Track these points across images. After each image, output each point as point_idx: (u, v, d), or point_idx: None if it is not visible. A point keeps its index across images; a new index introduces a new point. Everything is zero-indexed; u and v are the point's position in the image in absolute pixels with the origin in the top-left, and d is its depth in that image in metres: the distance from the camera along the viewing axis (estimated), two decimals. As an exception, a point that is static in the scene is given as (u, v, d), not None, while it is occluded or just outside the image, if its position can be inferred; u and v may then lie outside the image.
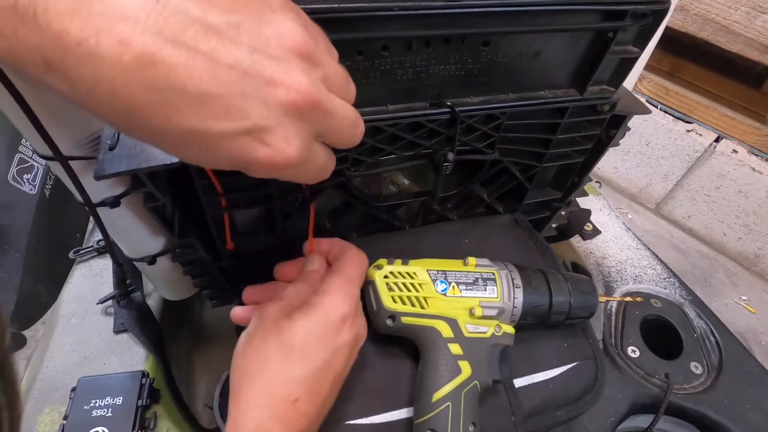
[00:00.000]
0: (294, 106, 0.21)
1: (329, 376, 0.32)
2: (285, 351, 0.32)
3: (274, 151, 0.21)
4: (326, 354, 0.32)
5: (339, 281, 0.35)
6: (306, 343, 0.32)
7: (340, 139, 0.25)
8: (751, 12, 1.30)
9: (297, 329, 0.32)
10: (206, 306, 0.73)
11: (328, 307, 0.33)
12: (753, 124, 1.47)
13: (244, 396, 0.31)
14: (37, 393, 0.51)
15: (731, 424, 0.51)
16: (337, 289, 0.34)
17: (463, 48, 0.34)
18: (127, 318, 0.55)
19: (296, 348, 0.32)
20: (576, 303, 0.40)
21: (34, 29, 0.16)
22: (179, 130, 0.19)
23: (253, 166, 0.22)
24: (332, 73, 0.23)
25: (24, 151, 0.74)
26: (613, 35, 0.35)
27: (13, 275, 0.70)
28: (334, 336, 0.33)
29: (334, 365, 0.33)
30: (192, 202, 0.38)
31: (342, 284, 0.35)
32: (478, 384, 0.36)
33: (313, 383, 0.31)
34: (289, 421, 0.30)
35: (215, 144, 0.20)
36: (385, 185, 0.51)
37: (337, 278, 0.35)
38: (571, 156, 0.48)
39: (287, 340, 0.32)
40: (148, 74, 0.18)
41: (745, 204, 1.52)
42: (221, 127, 0.20)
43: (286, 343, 0.32)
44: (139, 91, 0.18)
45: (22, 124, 0.30)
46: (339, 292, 0.34)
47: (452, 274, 0.38)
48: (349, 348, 0.34)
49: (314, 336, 0.32)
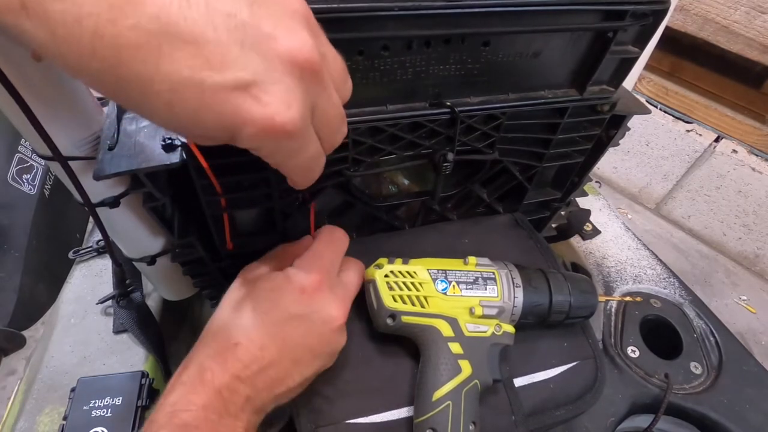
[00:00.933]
0: (296, 63, 0.19)
1: (278, 336, 0.32)
2: (238, 301, 0.34)
3: (271, 111, 0.19)
4: (277, 314, 0.32)
5: (308, 256, 0.35)
6: (258, 297, 0.33)
7: (327, 126, 0.24)
8: (751, 12, 1.30)
9: (257, 286, 0.34)
10: (206, 306, 0.73)
11: (291, 275, 0.34)
12: (753, 124, 1.47)
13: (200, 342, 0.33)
14: (37, 393, 0.51)
15: (731, 424, 0.51)
16: (305, 263, 0.35)
17: (463, 48, 0.34)
18: (126, 318, 0.55)
19: (248, 300, 0.33)
20: (576, 302, 0.40)
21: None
22: (169, 81, 0.18)
23: (247, 129, 0.20)
24: (332, 57, 0.22)
25: (24, 151, 0.74)
26: (613, 35, 0.35)
27: (13, 275, 0.70)
28: (292, 303, 0.33)
29: (285, 329, 0.32)
30: (192, 202, 0.38)
31: (310, 259, 0.35)
32: (479, 383, 0.36)
33: (255, 333, 0.31)
34: (225, 361, 0.30)
35: (207, 99, 0.18)
36: (385, 185, 0.51)
37: (307, 254, 0.36)
38: (571, 156, 0.48)
39: (244, 294, 0.34)
40: (137, 10, 0.16)
41: (745, 204, 1.52)
42: (216, 78, 0.18)
43: (243, 296, 0.34)
44: (126, 31, 0.16)
45: (22, 124, 0.30)
46: (305, 265, 0.34)
47: (452, 274, 0.38)
48: (307, 322, 0.33)
49: (267, 293, 0.33)
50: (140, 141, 0.33)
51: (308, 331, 0.33)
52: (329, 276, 0.35)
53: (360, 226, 0.52)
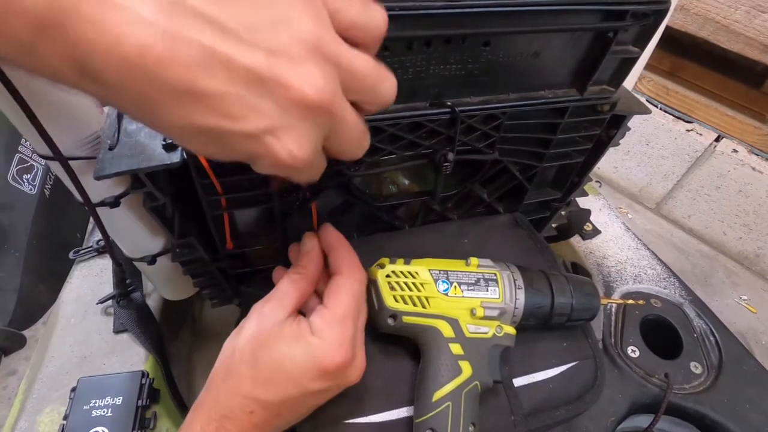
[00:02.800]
0: (306, 105, 0.21)
1: (293, 409, 0.32)
2: (256, 370, 0.31)
3: (284, 152, 0.22)
4: (295, 392, 0.31)
5: (332, 322, 0.33)
6: (278, 373, 0.31)
7: (343, 147, 0.25)
8: (751, 11, 1.30)
9: (274, 356, 0.31)
10: (206, 306, 0.73)
11: (316, 353, 0.32)
12: (753, 123, 1.47)
13: (215, 384, 0.32)
14: (37, 393, 0.51)
15: (731, 424, 0.51)
16: (331, 335, 0.32)
17: (463, 48, 0.34)
18: (127, 318, 0.55)
19: (267, 374, 0.31)
20: (578, 305, 0.39)
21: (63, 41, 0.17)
22: (198, 129, 0.20)
23: (261, 161, 0.23)
24: (357, 67, 0.23)
25: (24, 151, 0.74)
26: (614, 35, 0.35)
27: (13, 275, 0.70)
28: (311, 381, 0.31)
29: (300, 404, 0.32)
30: (192, 202, 0.38)
31: (335, 326, 0.33)
32: (479, 384, 0.36)
33: (272, 409, 0.31)
34: (242, 425, 0.31)
35: (230, 142, 0.21)
36: (385, 185, 0.51)
37: (331, 317, 0.33)
38: (571, 156, 0.48)
39: (263, 361, 0.31)
40: (169, 74, 0.18)
41: (746, 203, 1.52)
42: (236, 127, 0.20)
43: (261, 364, 0.31)
44: (161, 92, 0.19)
45: (22, 124, 0.30)
46: (332, 339, 0.32)
47: (454, 274, 0.38)
48: (327, 394, 0.33)
49: (288, 372, 0.31)
50: (141, 141, 0.33)
51: (326, 397, 0.34)
52: (354, 343, 0.34)
53: (360, 226, 0.52)
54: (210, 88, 0.19)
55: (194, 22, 0.18)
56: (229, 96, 0.20)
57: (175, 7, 0.18)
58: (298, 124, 0.21)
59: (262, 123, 0.21)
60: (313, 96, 0.21)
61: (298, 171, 0.23)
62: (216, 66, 0.19)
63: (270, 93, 0.20)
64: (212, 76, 0.19)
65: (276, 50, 0.20)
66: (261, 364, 0.32)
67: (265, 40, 0.20)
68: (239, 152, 0.22)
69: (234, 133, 0.21)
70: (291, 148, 0.22)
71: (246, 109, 0.20)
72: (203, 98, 0.19)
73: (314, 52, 0.21)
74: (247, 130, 0.21)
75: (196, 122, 0.20)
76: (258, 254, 0.47)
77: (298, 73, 0.20)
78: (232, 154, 0.22)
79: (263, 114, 0.20)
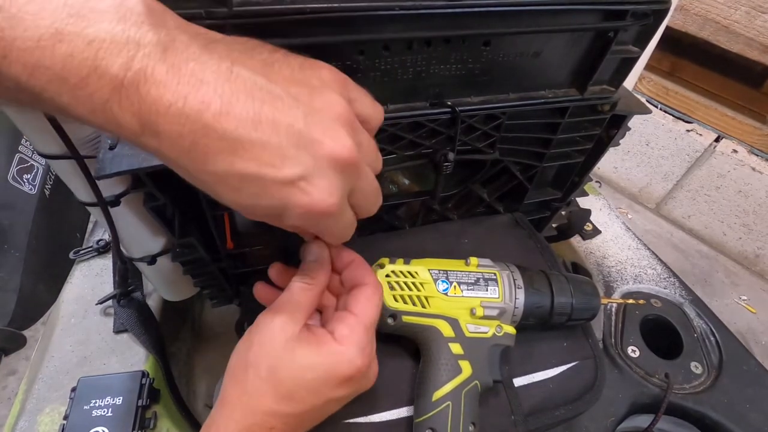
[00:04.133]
0: (337, 159, 0.25)
1: (314, 418, 0.32)
2: (276, 386, 0.30)
3: (315, 198, 0.25)
4: (317, 402, 0.31)
5: (359, 329, 0.32)
6: (299, 386, 0.30)
7: (365, 201, 0.29)
8: (751, 12, 1.30)
9: (295, 368, 0.31)
10: (206, 306, 0.73)
11: (338, 361, 0.31)
12: (753, 123, 1.47)
13: (229, 402, 0.31)
14: (37, 393, 0.51)
15: (731, 424, 0.51)
16: (355, 341, 0.32)
17: (463, 48, 0.34)
18: (127, 318, 0.55)
19: (288, 389, 0.30)
20: (578, 305, 0.39)
21: (136, 99, 0.20)
22: (240, 174, 0.23)
23: (295, 210, 0.25)
24: (366, 143, 0.28)
25: (24, 150, 0.74)
26: (614, 35, 0.35)
27: (13, 275, 0.70)
28: (332, 389, 0.31)
29: (321, 412, 0.32)
30: (192, 202, 0.38)
31: (361, 333, 0.32)
32: (479, 384, 0.36)
33: (293, 421, 0.31)
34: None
35: (267, 188, 0.24)
36: (385, 185, 0.51)
37: (357, 324, 0.32)
38: (572, 156, 0.48)
39: (283, 377, 0.30)
40: (223, 126, 0.22)
41: (745, 204, 1.52)
42: (276, 173, 0.23)
43: (281, 379, 0.30)
44: (214, 141, 0.22)
45: (24, 124, 0.30)
46: (356, 346, 0.32)
47: (454, 274, 0.38)
48: (346, 400, 0.33)
49: (309, 383, 0.31)
50: (141, 141, 0.32)
51: (346, 401, 0.33)
52: (372, 349, 0.34)
53: (360, 226, 0.51)
54: (255, 139, 0.22)
55: (247, 86, 0.22)
56: (271, 146, 0.23)
57: (232, 74, 0.22)
58: (329, 173, 0.25)
59: (298, 170, 0.24)
60: (342, 151, 0.25)
61: (328, 219, 0.26)
62: (262, 121, 0.22)
63: (305, 147, 0.24)
64: (258, 129, 0.22)
65: (313, 114, 0.24)
66: (281, 380, 0.30)
67: (303, 105, 0.24)
68: (274, 199, 0.24)
69: (272, 179, 0.23)
70: (322, 192, 0.25)
71: (284, 159, 0.23)
72: (249, 147, 0.22)
73: (342, 120, 0.26)
74: (283, 176, 0.24)
75: (239, 168, 0.23)
76: (258, 254, 0.47)
77: (330, 133, 0.25)
78: (266, 201, 0.25)
79: (299, 163, 0.24)
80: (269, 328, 0.32)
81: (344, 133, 0.25)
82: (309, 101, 0.25)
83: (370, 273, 0.35)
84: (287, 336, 0.31)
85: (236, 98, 0.22)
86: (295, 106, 0.24)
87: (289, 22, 0.28)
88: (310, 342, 0.31)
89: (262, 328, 0.32)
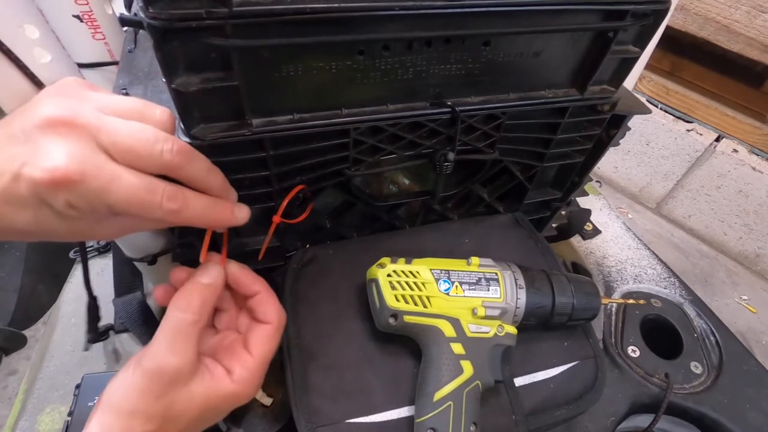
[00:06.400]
0: (41, 129, 0.24)
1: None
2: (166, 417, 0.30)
3: (39, 170, 0.23)
4: (201, 426, 0.32)
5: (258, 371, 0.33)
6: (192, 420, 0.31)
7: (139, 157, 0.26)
8: (752, 11, 1.30)
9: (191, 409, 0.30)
10: (206, 306, 0.73)
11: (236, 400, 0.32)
12: (753, 123, 1.47)
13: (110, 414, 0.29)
14: (37, 393, 0.51)
15: (731, 424, 0.51)
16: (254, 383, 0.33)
17: (463, 48, 0.34)
18: (127, 318, 0.55)
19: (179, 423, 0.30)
20: (579, 304, 0.39)
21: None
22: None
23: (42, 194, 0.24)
24: (111, 103, 0.27)
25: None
26: (614, 35, 0.35)
27: (13, 275, 0.70)
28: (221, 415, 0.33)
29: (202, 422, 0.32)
30: (192, 201, 0.38)
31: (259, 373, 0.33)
32: (480, 384, 0.36)
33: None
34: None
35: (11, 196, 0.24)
36: (385, 185, 0.51)
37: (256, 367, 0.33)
38: (572, 156, 0.48)
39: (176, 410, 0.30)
40: None
41: (746, 203, 1.52)
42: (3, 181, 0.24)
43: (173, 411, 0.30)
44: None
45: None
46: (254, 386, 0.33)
47: (455, 274, 0.38)
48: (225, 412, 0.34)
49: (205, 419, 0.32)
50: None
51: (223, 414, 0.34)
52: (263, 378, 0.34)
53: (360, 226, 0.52)
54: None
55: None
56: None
57: None
58: (43, 143, 0.24)
59: (17, 162, 0.23)
60: (43, 113, 0.24)
61: (80, 183, 0.24)
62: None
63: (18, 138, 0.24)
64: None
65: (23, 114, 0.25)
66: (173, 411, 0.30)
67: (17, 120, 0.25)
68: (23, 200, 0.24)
69: (7, 185, 0.23)
70: (40, 164, 0.23)
71: (6, 162, 0.23)
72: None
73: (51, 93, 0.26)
74: (9, 177, 0.23)
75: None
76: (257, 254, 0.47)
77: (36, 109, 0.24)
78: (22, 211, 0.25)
79: (16, 155, 0.23)
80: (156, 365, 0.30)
81: (48, 103, 0.25)
82: (24, 108, 0.25)
83: (274, 310, 0.34)
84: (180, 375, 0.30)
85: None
86: (10, 122, 0.25)
87: (289, 22, 0.28)
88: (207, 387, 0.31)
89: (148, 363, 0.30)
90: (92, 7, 0.48)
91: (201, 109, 0.31)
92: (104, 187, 0.25)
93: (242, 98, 0.31)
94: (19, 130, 0.24)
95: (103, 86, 0.29)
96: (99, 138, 0.25)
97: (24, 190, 0.24)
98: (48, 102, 0.25)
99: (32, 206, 0.24)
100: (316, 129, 0.35)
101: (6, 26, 0.47)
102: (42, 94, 0.26)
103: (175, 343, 0.30)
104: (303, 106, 0.34)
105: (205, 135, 0.32)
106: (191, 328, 0.31)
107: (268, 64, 0.30)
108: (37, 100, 0.26)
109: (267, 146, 0.35)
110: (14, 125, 0.24)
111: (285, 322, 0.36)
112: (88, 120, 0.25)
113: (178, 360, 0.30)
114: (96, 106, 0.26)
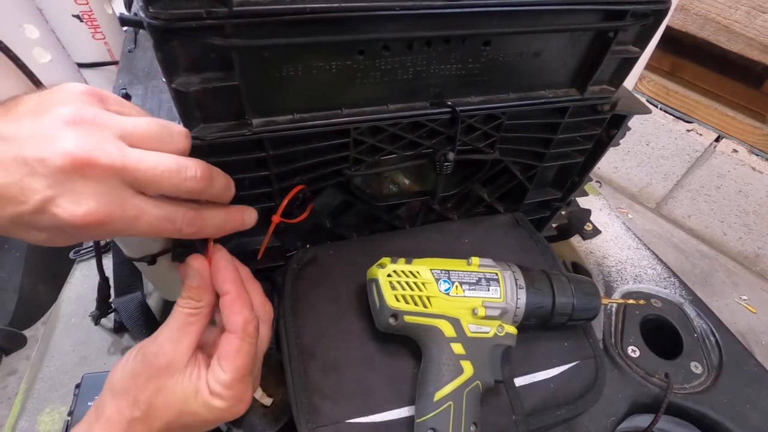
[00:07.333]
0: (66, 170, 0.24)
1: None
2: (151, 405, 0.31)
3: (68, 214, 0.24)
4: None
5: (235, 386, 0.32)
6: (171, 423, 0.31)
7: (163, 188, 0.27)
8: (752, 11, 1.30)
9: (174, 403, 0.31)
10: (206, 306, 0.73)
11: (220, 413, 0.32)
12: (753, 123, 1.47)
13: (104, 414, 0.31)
14: (37, 393, 0.51)
15: (731, 424, 0.51)
16: (232, 395, 0.32)
17: (463, 48, 0.34)
18: (127, 318, 0.55)
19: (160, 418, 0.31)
20: (579, 305, 0.39)
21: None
22: (5, 219, 0.24)
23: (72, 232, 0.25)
24: (130, 129, 0.26)
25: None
26: (614, 35, 0.35)
27: (13, 275, 0.70)
28: (209, 424, 0.33)
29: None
30: (192, 201, 0.38)
31: (237, 389, 0.32)
32: (480, 384, 0.36)
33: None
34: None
35: (33, 222, 0.24)
36: (385, 185, 0.51)
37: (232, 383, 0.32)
38: (572, 156, 0.48)
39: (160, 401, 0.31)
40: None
41: (746, 203, 1.53)
42: (26, 207, 0.24)
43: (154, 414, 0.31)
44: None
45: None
46: (234, 399, 0.32)
47: (456, 274, 0.38)
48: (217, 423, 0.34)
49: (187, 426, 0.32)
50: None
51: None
52: (250, 389, 0.34)
53: (360, 226, 0.52)
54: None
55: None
56: (9, 185, 0.23)
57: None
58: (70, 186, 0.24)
59: (39, 196, 0.24)
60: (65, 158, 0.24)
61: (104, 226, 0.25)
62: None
63: (37, 170, 0.23)
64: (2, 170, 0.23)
65: (37, 137, 0.24)
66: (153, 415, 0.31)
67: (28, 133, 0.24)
68: (45, 229, 0.25)
69: (28, 213, 0.24)
70: (71, 208, 0.24)
71: (25, 191, 0.23)
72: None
73: (69, 122, 0.25)
74: (33, 208, 0.24)
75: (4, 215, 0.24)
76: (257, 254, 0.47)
77: (52, 145, 0.24)
78: (43, 235, 0.26)
79: (37, 189, 0.24)
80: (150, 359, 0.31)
81: (71, 138, 0.24)
82: (35, 125, 0.24)
83: (239, 317, 0.32)
84: (171, 373, 0.31)
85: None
86: (20, 140, 0.24)
87: (289, 22, 0.28)
88: (194, 388, 0.31)
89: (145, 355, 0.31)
90: (92, 6, 0.48)
91: (201, 109, 0.31)
92: (129, 224, 0.26)
93: (242, 98, 0.31)
94: (35, 159, 0.23)
95: (103, 86, 0.29)
96: (124, 176, 0.25)
97: (46, 222, 0.24)
98: (66, 133, 0.24)
99: (49, 231, 0.25)
100: (316, 129, 0.35)
101: (6, 26, 0.47)
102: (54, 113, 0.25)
103: (177, 334, 0.32)
104: (303, 106, 0.34)
105: (205, 135, 0.32)
106: (194, 325, 0.33)
107: (268, 63, 0.30)
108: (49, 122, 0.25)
109: (267, 146, 0.35)
110: (27, 147, 0.24)
111: (257, 326, 0.33)
112: (112, 159, 0.25)
113: (174, 347, 0.31)
114: (115, 134, 0.26)
